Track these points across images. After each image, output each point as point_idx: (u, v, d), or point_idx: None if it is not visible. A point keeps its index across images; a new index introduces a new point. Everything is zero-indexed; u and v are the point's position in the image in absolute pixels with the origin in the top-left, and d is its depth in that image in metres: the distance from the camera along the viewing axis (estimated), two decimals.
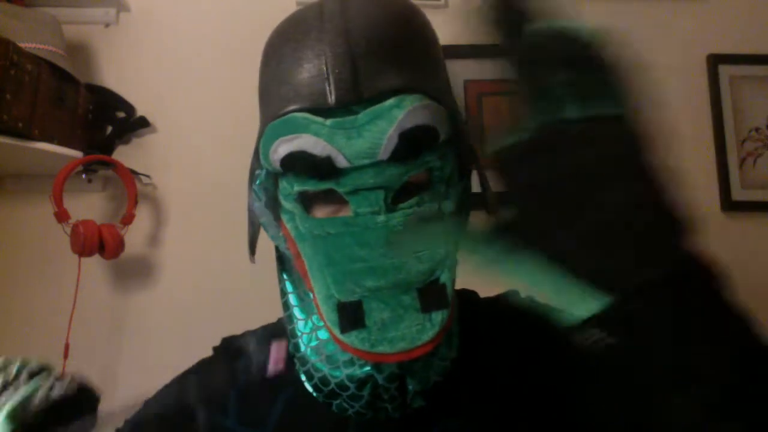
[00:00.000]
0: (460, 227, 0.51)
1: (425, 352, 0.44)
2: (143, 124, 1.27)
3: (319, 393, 0.53)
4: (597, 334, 0.32)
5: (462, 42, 1.32)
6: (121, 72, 1.31)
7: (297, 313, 0.55)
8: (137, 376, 1.17)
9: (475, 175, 0.56)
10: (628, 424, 0.34)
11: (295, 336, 0.55)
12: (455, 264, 0.48)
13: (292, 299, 0.56)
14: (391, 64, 0.46)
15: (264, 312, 0.65)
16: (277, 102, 0.48)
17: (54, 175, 1.10)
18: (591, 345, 0.32)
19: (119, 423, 0.59)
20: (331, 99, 0.45)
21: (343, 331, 0.45)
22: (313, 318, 0.54)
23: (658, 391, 0.32)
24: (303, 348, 0.54)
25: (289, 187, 0.49)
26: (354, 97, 0.45)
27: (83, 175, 1.19)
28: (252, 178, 0.54)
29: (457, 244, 0.46)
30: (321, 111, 0.45)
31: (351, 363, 0.50)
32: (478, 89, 1.31)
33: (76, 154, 1.16)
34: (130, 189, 1.18)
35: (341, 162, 0.45)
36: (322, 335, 0.53)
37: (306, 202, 0.49)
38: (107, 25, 1.33)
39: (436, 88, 0.48)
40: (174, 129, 1.29)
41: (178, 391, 0.60)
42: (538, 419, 0.51)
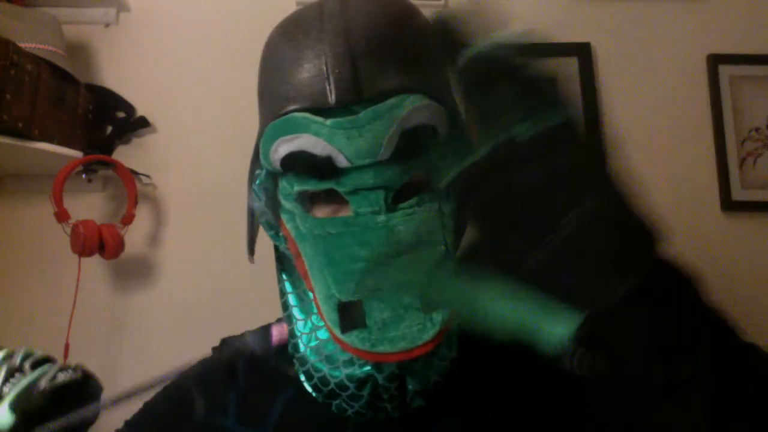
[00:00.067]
0: (458, 228, 0.51)
1: (426, 352, 0.44)
2: (143, 124, 1.27)
3: (319, 393, 0.52)
4: (579, 353, 0.31)
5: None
6: (121, 72, 1.31)
7: (296, 313, 0.55)
8: (137, 376, 1.16)
9: None
10: (626, 427, 0.34)
11: (294, 336, 0.55)
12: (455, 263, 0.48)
13: (292, 299, 0.56)
14: (391, 63, 0.46)
15: (264, 312, 0.65)
16: (277, 102, 0.48)
17: (54, 175, 1.10)
18: (576, 365, 0.31)
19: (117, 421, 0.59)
20: (332, 99, 0.45)
21: (343, 331, 0.45)
22: (313, 318, 0.54)
23: (649, 401, 0.31)
24: (302, 348, 0.54)
25: (289, 187, 0.49)
26: (354, 97, 0.45)
27: (83, 175, 1.19)
28: (252, 178, 0.54)
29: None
30: (321, 111, 0.45)
31: (351, 363, 0.50)
32: None
33: (76, 154, 1.15)
34: (130, 189, 1.18)
35: (341, 162, 0.45)
36: (321, 335, 0.52)
37: (306, 201, 0.49)
38: (107, 25, 1.33)
39: (436, 88, 0.48)
40: (174, 129, 1.29)
41: (177, 391, 0.60)
42: (538, 419, 0.51)
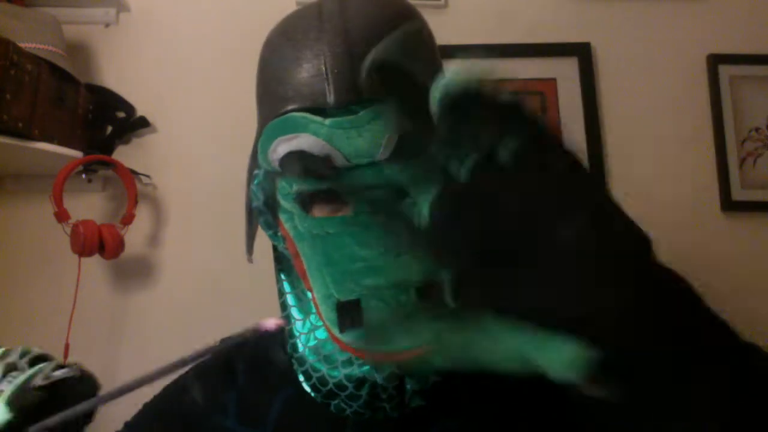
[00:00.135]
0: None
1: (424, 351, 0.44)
2: (143, 124, 1.27)
3: (318, 393, 0.52)
4: (592, 379, 0.28)
5: (462, 42, 1.33)
6: (121, 72, 1.31)
7: (295, 313, 0.55)
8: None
9: None
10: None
11: (293, 336, 0.55)
12: None
13: (290, 299, 0.56)
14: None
15: (264, 312, 0.64)
16: (276, 101, 0.48)
17: (54, 175, 1.10)
18: (590, 390, 0.29)
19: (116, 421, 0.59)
20: (331, 98, 0.45)
21: (341, 331, 0.45)
22: (311, 318, 0.54)
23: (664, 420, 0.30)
24: (301, 348, 0.54)
25: (288, 187, 0.49)
26: (353, 97, 0.45)
27: (83, 175, 1.19)
28: (250, 177, 0.54)
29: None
30: (320, 111, 0.45)
31: (349, 363, 0.50)
32: None
33: (76, 154, 1.15)
34: (130, 189, 1.18)
35: (340, 161, 0.45)
36: (320, 335, 0.52)
37: (305, 201, 0.49)
38: (107, 25, 1.33)
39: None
40: (174, 129, 1.29)
41: (176, 392, 0.60)
42: (537, 419, 0.51)
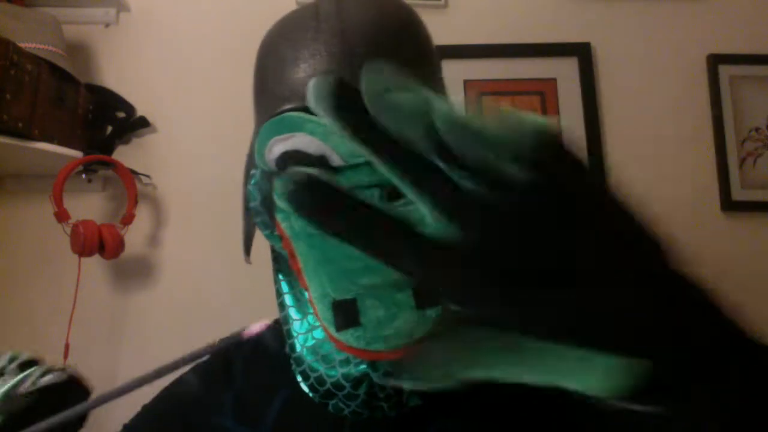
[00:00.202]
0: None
1: None
2: (143, 124, 1.27)
3: (315, 393, 0.52)
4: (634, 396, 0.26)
5: (462, 42, 1.33)
6: (121, 72, 1.31)
7: (293, 314, 0.55)
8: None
9: None
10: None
11: (290, 336, 0.55)
12: None
13: (288, 299, 0.56)
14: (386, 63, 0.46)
15: (264, 312, 0.64)
16: (272, 101, 0.48)
17: (54, 175, 1.10)
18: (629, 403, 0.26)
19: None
20: None
21: (338, 330, 0.45)
22: (309, 318, 0.54)
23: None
24: (299, 348, 0.54)
25: (284, 186, 0.49)
26: None
27: (83, 175, 1.19)
28: (247, 178, 0.54)
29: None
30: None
31: (347, 362, 0.50)
32: (478, 89, 1.31)
33: (76, 154, 1.16)
34: (130, 189, 1.18)
35: (336, 161, 0.45)
36: (317, 335, 0.52)
37: None
38: (107, 25, 1.33)
39: (431, 88, 0.48)
40: (174, 129, 1.29)
41: (175, 393, 0.60)
42: (536, 418, 0.51)
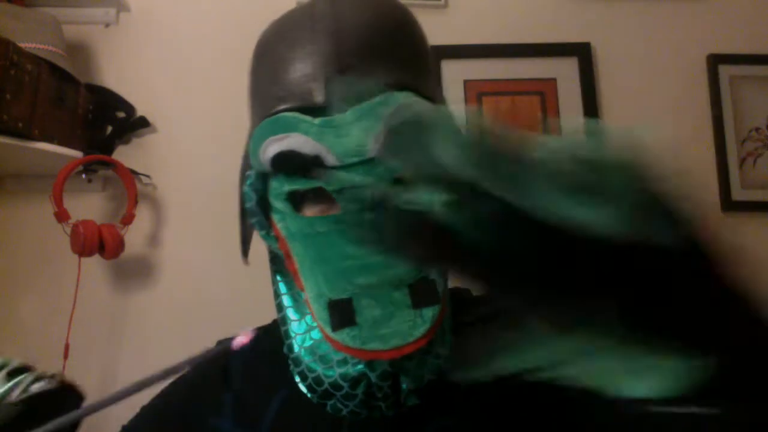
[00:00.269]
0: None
1: (417, 348, 0.44)
2: (143, 124, 1.27)
3: (313, 393, 0.52)
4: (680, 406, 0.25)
5: (462, 42, 1.33)
6: (121, 72, 1.31)
7: (291, 314, 0.55)
8: (137, 376, 1.17)
9: None
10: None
11: (288, 337, 0.55)
12: None
13: (286, 300, 0.56)
14: (380, 63, 0.46)
15: (263, 312, 0.65)
16: (267, 102, 0.48)
17: (54, 175, 1.10)
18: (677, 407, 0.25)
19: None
20: (320, 98, 0.45)
21: (334, 329, 0.45)
22: (307, 318, 0.54)
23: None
24: (297, 349, 0.54)
25: (280, 187, 0.49)
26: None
27: (83, 175, 1.19)
28: (242, 179, 0.54)
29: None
30: (310, 110, 0.46)
31: (344, 362, 0.50)
32: (478, 89, 1.31)
33: (76, 154, 1.16)
34: (130, 189, 1.18)
35: (330, 160, 0.45)
36: (315, 335, 0.52)
37: (296, 201, 0.49)
38: (107, 25, 1.33)
39: (425, 86, 0.48)
40: (174, 129, 1.29)
41: (173, 394, 0.60)
42: (534, 417, 0.51)
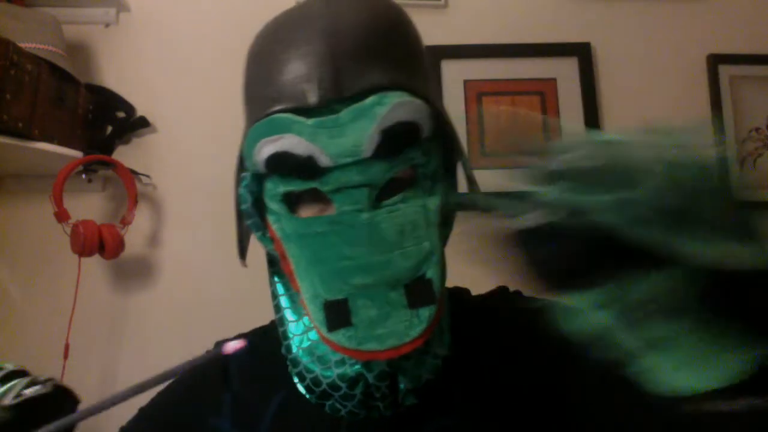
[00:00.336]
0: (444, 224, 0.51)
1: (414, 348, 0.44)
2: (143, 124, 1.27)
3: (312, 394, 0.52)
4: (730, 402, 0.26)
5: (462, 42, 1.33)
6: (121, 72, 1.31)
7: (288, 315, 0.55)
8: (137, 376, 1.16)
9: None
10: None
11: (287, 338, 0.55)
12: (443, 260, 0.48)
13: (284, 301, 0.56)
14: (374, 63, 0.46)
15: (263, 312, 0.65)
16: (261, 103, 0.48)
17: (54, 175, 1.10)
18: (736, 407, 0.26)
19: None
20: (313, 98, 0.45)
21: (330, 330, 0.45)
22: (305, 319, 0.54)
23: None
24: (295, 349, 0.54)
25: (274, 188, 0.49)
26: (335, 96, 0.45)
27: (83, 175, 1.19)
28: (238, 180, 0.54)
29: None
30: (304, 111, 0.45)
31: (342, 362, 0.50)
32: (478, 89, 1.31)
33: (76, 154, 1.16)
34: (130, 189, 1.18)
35: (324, 161, 0.45)
36: (313, 336, 0.52)
37: (291, 202, 0.49)
38: (107, 25, 1.33)
39: (419, 86, 0.48)
40: (174, 129, 1.29)
41: (172, 395, 0.60)
42: (532, 417, 0.51)
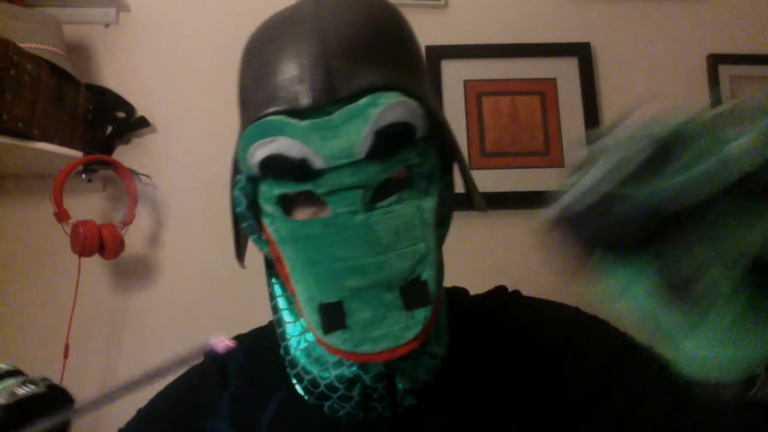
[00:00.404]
0: (439, 225, 0.50)
1: (409, 351, 0.44)
2: (143, 124, 1.27)
3: (310, 395, 0.52)
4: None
5: (462, 42, 1.33)
6: (121, 72, 1.31)
7: (286, 317, 0.55)
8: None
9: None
10: None
11: (285, 339, 0.55)
12: (439, 261, 0.48)
13: (281, 303, 0.56)
14: (367, 63, 0.46)
15: (263, 313, 0.65)
16: (254, 106, 0.48)
17: (54, 175, 1.10)
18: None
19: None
20: (306, 100, 0.45)
21: (325, 332, 0.45)
22: (302, 321, 0.54)
23: None
24: (293, 350, 0.54)
25: (269, 191, 0.49)
26: (328, 98, 0.44)
27: (83, 175, 1.19)
28: (233, 183, 0.54)
29: None
30: (297, 113, 0.45)
31: (339, 364, 0.50)
32: (478, 89, 1.31)
33: (76, 154, 1.16)
34: (130, 189, 1.18)
35: (317, 163, 0.45)
36: (310, 337, 0.52)
37: (286, 204, 0.49)
38: (107, 25, 1.33)
39: (413, 86, 0.48)
40: (174, 129, 1.29)
41: (170, 397, 0.60)
42: (530, 416, 0.51)
